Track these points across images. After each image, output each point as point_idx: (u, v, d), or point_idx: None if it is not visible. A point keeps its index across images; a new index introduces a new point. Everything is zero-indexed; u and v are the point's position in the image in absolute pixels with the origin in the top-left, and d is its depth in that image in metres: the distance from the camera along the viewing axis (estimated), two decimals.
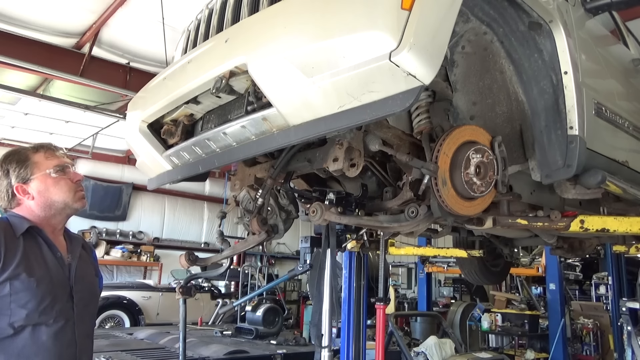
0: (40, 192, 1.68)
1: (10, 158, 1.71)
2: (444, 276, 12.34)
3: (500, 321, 8.16)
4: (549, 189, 2.40)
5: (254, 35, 1.79)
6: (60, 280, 1.64)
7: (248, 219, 2.41)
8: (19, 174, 1.67)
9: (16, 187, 1.67)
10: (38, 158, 1.70)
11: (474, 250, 4.32)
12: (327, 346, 4.43)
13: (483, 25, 2.06)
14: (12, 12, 6.48)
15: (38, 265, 1.60)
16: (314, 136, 1.71)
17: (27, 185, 1.68)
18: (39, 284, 1.56)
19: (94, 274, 1.85)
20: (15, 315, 1.52)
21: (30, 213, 1.69)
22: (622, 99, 2.58)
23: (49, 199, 1.69)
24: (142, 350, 5.47)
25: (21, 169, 1.68)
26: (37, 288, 1.55)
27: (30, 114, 9.89)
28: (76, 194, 1.73)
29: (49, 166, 1.70)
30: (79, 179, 1.77)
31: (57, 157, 1.74)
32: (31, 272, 1.56)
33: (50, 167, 1.70)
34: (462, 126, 1.98)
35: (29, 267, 1.57)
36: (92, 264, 1.87)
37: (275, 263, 15.45)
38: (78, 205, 1.74)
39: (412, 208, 1.96)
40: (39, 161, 1.70)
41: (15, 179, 1.67)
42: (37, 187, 1.68)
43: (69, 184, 1.73)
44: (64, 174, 1.73)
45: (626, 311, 5.30)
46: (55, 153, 1.75)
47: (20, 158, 1.70)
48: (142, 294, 9.95)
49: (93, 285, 1.82)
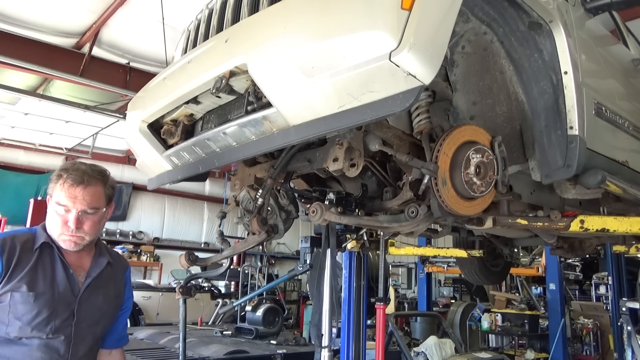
0: (48, 212, 1.73)
1: (57, 170, 1.74)
2: (444, 276, 12.35)
3: (500, 321, 8.16)
4: (549, 189, 2.40)
5: (254, 35, 1.79)
6: (65, 297, 1.65)
7: (248, 219, 2.41)
8: (49, 188, 1.73)
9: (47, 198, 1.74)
10: (55, 184, 1.69)
11: (474, 250, 4.32)
12: (327, 346, 4.42)
13: (483, 25, 2.06)
14: (12, 12, 6.48)
15: (44, 279, 1.63)
16: (314, 136, 1.71)
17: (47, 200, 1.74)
18: (37, 298, 1.59)
19: (113, 295, 1.82)
20: (11, 325, 1.56)
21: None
22: (622, 99, 2.58)
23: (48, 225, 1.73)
24: (142, 350, 5.47)
25: (50, 183, 1.72)
26: (34, 302, 1.58)
27: (30, 114, 9.90)
28: (61, 236, 1.69)
29: (56, 198, 1.68)
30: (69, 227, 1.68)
31: (65, 197, 1.66)
32: (33, 286, 1.59)
33: (55, 200, 1.68)
34: (462, 126, 1.98)
35: (33, 281, 1.60)
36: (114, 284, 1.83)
37: (275, 263, 15.46)
38: (62, 244, 1.70)
39: (412, 208, 1.96)
40: (54, 187, 1.70)
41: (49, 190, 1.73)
42: (48, 207, 1.73)
43: (60, 224, 1.69)
44: (64, 214, 1.68)
45: (626, 311, 5.29)
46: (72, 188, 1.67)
47: (54, 175, 1.72)
48: (142, 294, 9.95)
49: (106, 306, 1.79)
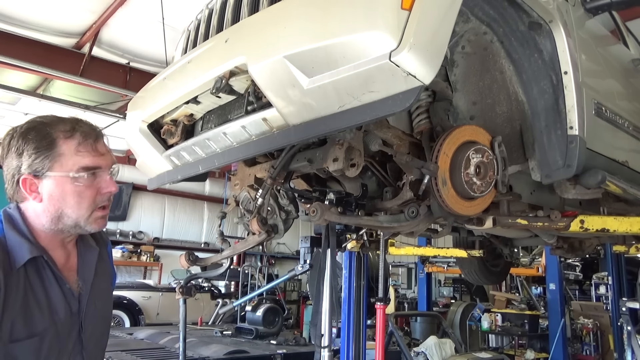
0: (52, 197, 1.19)
1: (33, 135, 1.18)
2: (444, 276, 12.35)
3: (500, 321, 8.16)
4: (549, 189, 2.40)
5: (254, 35, 1.79)
6: (68, 325, 1.22)
7: (248, 219, 2.41)
8: (33, 163, 1.17)
9: (23, 179, 1.18)
10: (67, 148, 1.19)
11: (474, 250, 4.31)
12: (327, 346, 4.42)
13: (483, 25, 2.06)
14: (12, 12, 6.48)
15: (40, 311, 1.16)
16: (314, 136, 1.71)
17: (38, 181, 1.18)
18: (42, 340, 1.15)
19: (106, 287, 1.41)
20: None
21: (35, 219, 1.22)
22: (622, 99, 2.58)
23: (60, 211, 1.20)
24: (142, 350, 5.47)
25: (39, 156, 1.17)
26: (41, 348, 1.15)
27: (30, 114, 9.87)
28: (93, 214, 1.24)
29: (75, 165, 1.20)
30: (109, 192, 1.27)
31: (91, 155, 1.22)
32: (32, 327, 1.14)
33: (77, 167, 1.20)
34: (462, 126, 1.98)
35: (30, 322, 1.14)
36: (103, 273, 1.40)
37: (275, 263, 15.46)
38: (93, 227, 1.25)
39: (412, 208, 1.96)
40: (65, 153, 1.19)
41: (27, 166, 1.17)
42: (50, 190, 1.19)
43: (93, 197, 1.23)
44: (94, 178, 1.24)
45: (626, 311, 5.30)
46: (94, 146, 1.24)
47: (45, 141, 1.18)
48: (142, 294, 9.97)
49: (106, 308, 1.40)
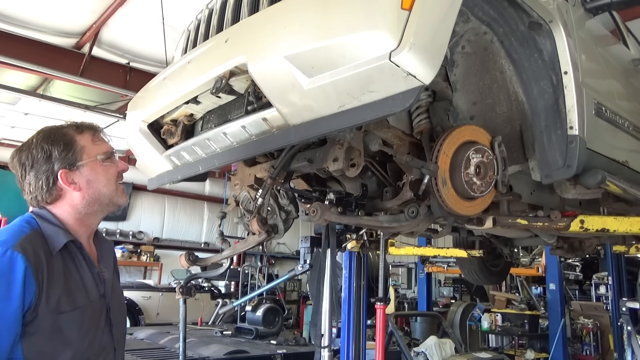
0: (90, 181, 1.39)
1: (54, 138, 1.37)
2: (444, 276, 12.35)
3: (500, 321, 8.16)
4: (549, 189, 2.40)
5: (254, 35, 1.79)
6: (98, 303, 1.38)
7: (248, 219, 2.41)
8: (66, 158, 1.36)
9: (61, 174, 1.35)
10: (85, 141, 1.41)
11: (474, 250, 4.32)
12: (327, 346, 4.43)
13: (483, 25, 2.06)
14: (12, 12, 6.47)
15: (78, 290, 1.33)
16: (314, 136, 1.71)
17: (73, 173, 1.37)
18: (83, 314, 1.31)
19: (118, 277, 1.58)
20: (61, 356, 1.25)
21: (69, 211, 1.39)
22: (622, 99, 2.58)
23: (97, 191, 1.40)
24: (142, 350, 5.47)
25: (69, 152, 1.36)
26: (82, 321, 1.30)
27: (30, 114, 9.89)
28: (118, 188, 1.46)
29: (98, 151, 1.42)
30: (125, 169, 1.50)
31: (104, 142, 1.46)
32: (74, 302, 1.30)
33: (99, 153, 1.42)
34: (462, 126, 1.98)
35: (72, 297, 1.30)
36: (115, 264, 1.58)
37: (275, 263, 15.46)
38: (122, 201, 1.47)
39: (412, 208, 1.96)
40: (86, 145, 1.41)
41: (60, 163, 1.35)
42: (86, 175, 1.39)
43: (116, 174, 1.46)
44: (112, 162, 1.46)
45: (626, 311, 5.30)
46: (101, 137, 1.48)
47: (67, 139, 1.38)
48: (142, 294, 9.96)
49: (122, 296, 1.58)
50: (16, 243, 1.22)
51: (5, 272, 1.18)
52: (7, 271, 1.18)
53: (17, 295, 1.17)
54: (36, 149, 1.36)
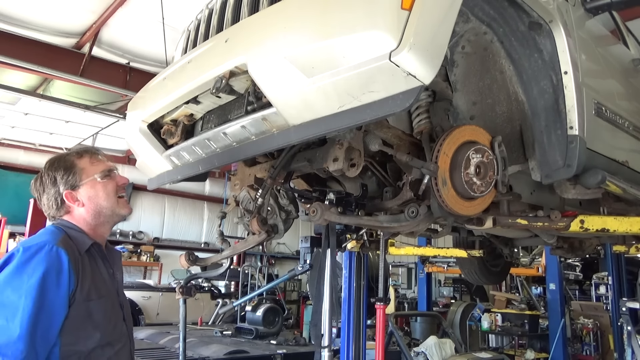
0: (91, 198, 1.65)
1: (57, 165, 1.66)
2: (444, 276, 12.35)
3: (500, 321, 8.16)
4: (549, 189, 2.40)
5: (254, 35, 1.79)
6: (115, 297, 1.63)
7: (248, 219, 2.41)
8: (68, 181, 1.63)
9: (65, 195, 1.63)
10: (84, 164, 1.67)
11: (474, 250, 4.32)
12: (327, 346, 4.43)
13: (483, 25, 2.06)
14: (12, 12, 6.48)
15: (102, 283, 1.58)
16: (314, 136, 1.71)
17: (76, 192, 1.64)
18: (107, 302, 1.56)
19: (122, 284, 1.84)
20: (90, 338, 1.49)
21: (81, 222, 1.65)
22: (622, 99, 2.58)
23: (99, 205, 1.65)
24: (142, 350, 5.46)
25: (69, 175, 1.64)
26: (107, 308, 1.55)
27: (30, 114, 9.90)
28: (119, 201, 1.69)
29: (96, 171, 1.67)
30: (124, 182, 1.73)
31: (101, 162, 1.71)
32: (99, 292, 1.55)
33: (97, 172, 1.67)
34: (462, 126, 1.98)
35: (97, 289, 1.55)
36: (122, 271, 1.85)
37: (275, 263, 15.46)
38: (124, 211, 1.71)
39: (412, 208, 1.96)
40: (85, 167, 1.66)
41: (63, 186, 1.63)
42: (87, 193, 1.64)
43: (115, 188, 1.69)
44: (111, 178, 1.70)
45: (626, 311, 5.30)
46: (99, 158, 1.72)
47: (67, 165, 1.65)
48: (142, 294, 9.96)
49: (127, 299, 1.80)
50: (57, 241, 1.49)
51: (55, 264, 1.44)
52: (57, 263, 1.45)
53: (64, 283, 1.44)
54: (45, 176, 1.65)
